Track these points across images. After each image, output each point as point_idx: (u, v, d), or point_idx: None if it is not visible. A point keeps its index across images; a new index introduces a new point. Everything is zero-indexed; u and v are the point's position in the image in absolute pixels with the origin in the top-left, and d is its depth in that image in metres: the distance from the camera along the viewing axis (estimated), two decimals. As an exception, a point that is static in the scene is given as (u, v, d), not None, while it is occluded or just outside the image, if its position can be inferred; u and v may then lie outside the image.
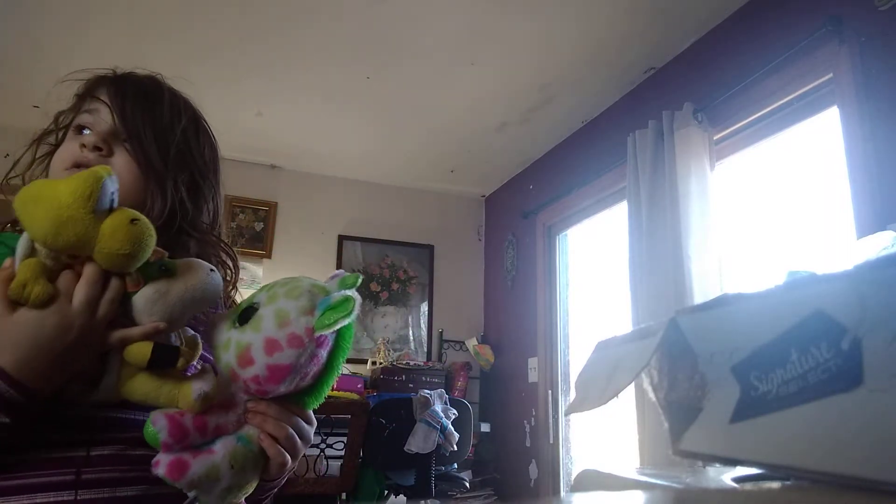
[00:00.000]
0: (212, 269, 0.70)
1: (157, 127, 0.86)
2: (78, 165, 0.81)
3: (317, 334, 0.64)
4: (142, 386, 0.64)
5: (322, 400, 0.72)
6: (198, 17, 2.52)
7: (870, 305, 0.30)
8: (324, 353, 0.67)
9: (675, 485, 0.46)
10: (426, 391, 2.79)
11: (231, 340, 0.66)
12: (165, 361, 0.64)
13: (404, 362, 3.55)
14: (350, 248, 4.03)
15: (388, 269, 4.07)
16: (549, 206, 3.49)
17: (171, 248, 0.71)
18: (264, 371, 0.64)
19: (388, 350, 3.72)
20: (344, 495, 2.55)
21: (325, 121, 3.39)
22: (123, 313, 0.65)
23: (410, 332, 4.05)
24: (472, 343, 3.92)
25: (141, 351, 0.63)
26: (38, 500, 0.67)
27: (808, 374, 0.34)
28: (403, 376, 3.43)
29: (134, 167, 0.83)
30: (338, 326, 0.64)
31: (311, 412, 0.75)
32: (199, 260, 0.71)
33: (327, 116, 3.34)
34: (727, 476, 0.45)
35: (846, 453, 0.30)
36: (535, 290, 3.56)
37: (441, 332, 4.04)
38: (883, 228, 1.61)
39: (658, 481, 0.48)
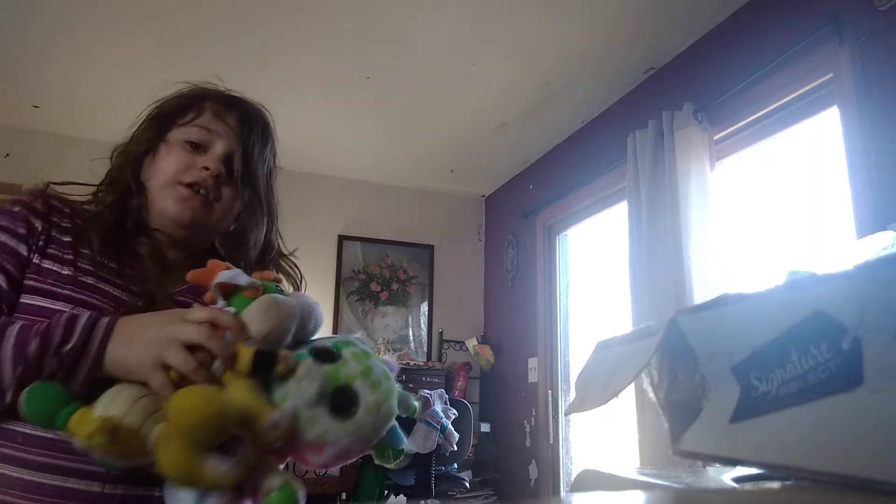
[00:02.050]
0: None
1: (265, 169, 0.95)
2: (193, 184, 0.86)
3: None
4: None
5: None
6: (197, 18, 2.51)
7: (870, 305, 0.30)
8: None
9: (675, 485, 0.46)
10: (426, 391, 2.79)
11: (321, 425, 0.63)
12: (265, 366, 0.61)
13: (404, 362, 3.55)
14: (350, 248, 4.03)
15: (388, 269, 4.07)
16: (549, 206, 3.49)
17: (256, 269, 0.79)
18: (317, 459, 0.63)
19: (388, 350, 3.72)
20: (344, 495, 2.56)
21: (325, 121, 3.39)
22: None
23: (410, 332, 4.05)
24: (472, 343, 3.92)
25: (242, 357, 0.61)
26: (69, 484, 0.71)
27: (808, 375, 0.34)
28: (403, 376, 3.42)
29: (236, 205, 0.91)
30: None
31: None
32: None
33: (327, 116, 3.34)
34: (727, 476, 0.45)
35: (846, 453, 0.30)
36: (535, 290, 3.56)
37: (441, 332, 4.04)
38: (883, 228, 1.61)
39: (658, 481, 0.48)
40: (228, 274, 0.66)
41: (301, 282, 0.98)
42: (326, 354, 0.65)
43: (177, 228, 0.87)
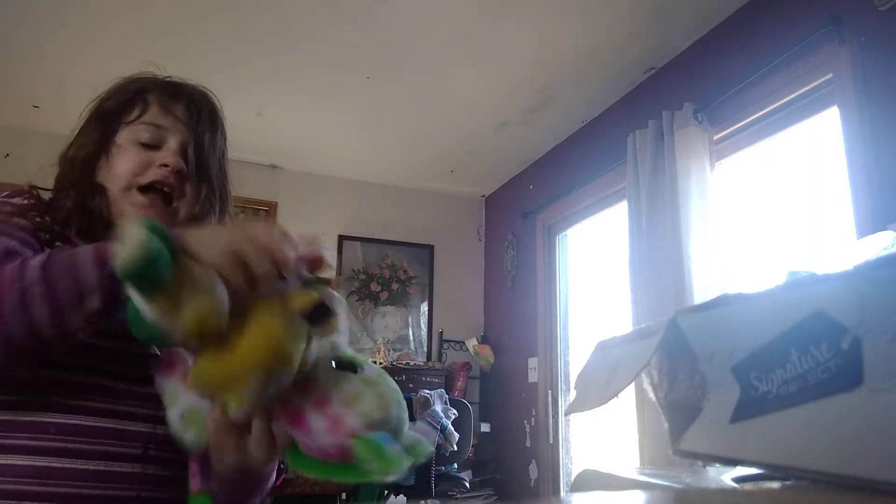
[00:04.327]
0: None
1: (217, 154, 0.91)
2: (154, 183, 0.83)
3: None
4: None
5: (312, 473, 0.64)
6: (198, 18, 2.51)
7: (870, 305, 0.30)
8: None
9: (675, 485, 0.46)
10: (426, 391, 2.79)
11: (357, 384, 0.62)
12: (318, 318, 0.60)
13: (404, 362, 3.55)
14: (350, 248, 4.03)
15: (388, 269, 4.06)
16: (549, 206, 3.49)
17: None
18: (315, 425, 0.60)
19: (388, 350, 3.72)
20: (344, 495, 2.55)
21: (325, 121, 3.39)
22: None
23: (410, 332, 4.05)
24: (472, 343, 3.92)
25: (306, 298, 0.60)
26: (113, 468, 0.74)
27: (808, 374, 0.34)
28: (403, 376, 3.43)
29: (197, 199, 0.87)
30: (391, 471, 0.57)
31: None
32: None
33: (327, 116, 3.34)
34: (727, 476, 0.45)
35: (846, 453, 0.30)
36: (535, 290, 3.55)
37: (441, 332, 4.04)
38: (883, 228, 1.60)
39: (658, 481, 0.48)
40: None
41: None
42: (348, 365, 0.64)
43: None
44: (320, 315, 0.60)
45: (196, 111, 0.89)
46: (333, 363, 0.64)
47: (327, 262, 0.65)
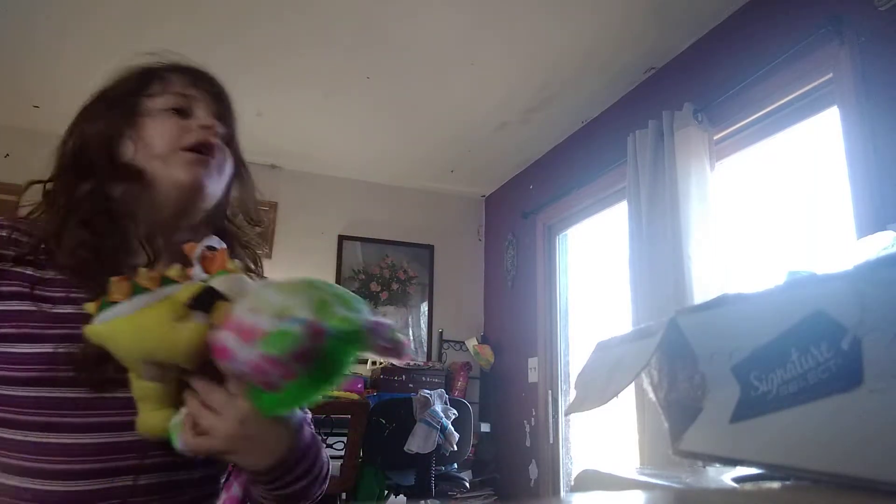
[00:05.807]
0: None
1: (236, 128, 0.92)
2: (199, 146, 0.81)
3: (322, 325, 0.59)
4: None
5: (285, 409, 0.66)
6: (197, 18, 2.51)
7: (870, 305, 0.30)
8: (290, 371, 0.60)
9: (675, 485, 0.46)
10: (426, 391, 2.79)
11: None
12: (208, 301, 0.64)
13: (404, 363, 3.55)
14: (350, 248, 4.03)
15: (388, 269, 4.06)
16: (549, 206, 3.49)
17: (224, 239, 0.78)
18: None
19: (389, 350, 3.72)
20: (344, 495, 2.55)
21: (325, 121, 3.39)
22: None
23: (410, 332, 4.05)
24: (472, 343, 3.92)
25: (189, 290, 0.65)
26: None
27: (808, 374, 0.34)
28: (403, 376, 3.43)
29: (231, 164, 0.88)
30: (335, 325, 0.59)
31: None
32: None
33: (327, 116, 3.34)
34: (727, 476, 0.45)
35: (846, 453, 0.30)
36: (535, 290, 3.55)
37: (441, 332, 4.04)
38: (883, 228, 1.60)
39: (658, 481, 0.48)
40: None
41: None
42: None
43: (191, 197, 0.81)
44: (207, 300, 0.64)
45: (216, 88, 0.89)
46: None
47: (220, 257, 0.69)
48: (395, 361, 0.68)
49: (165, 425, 0.67)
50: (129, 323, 0.63)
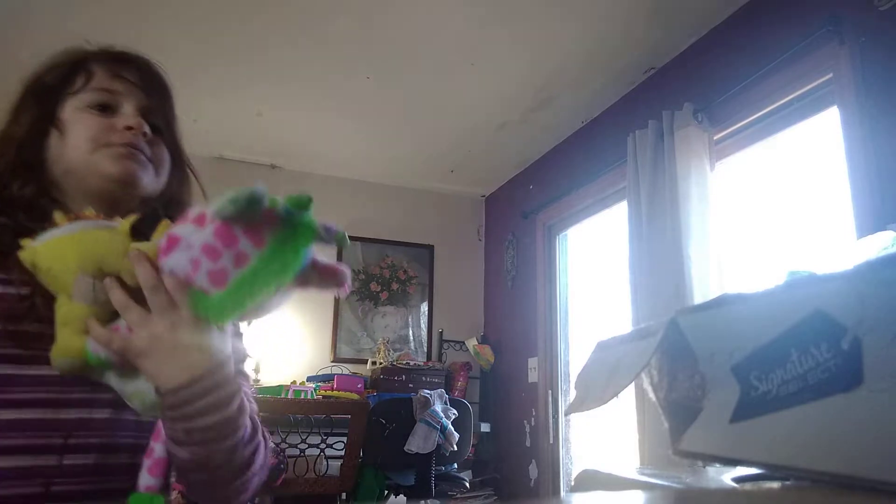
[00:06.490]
0: None
1: (175, 121, 0.88)
2: (126, 146, 0.79)
3: (215, 218, 0.62)
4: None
5: (229, 312, 0.65)
6: (197, 18, 2.51)
7: (870, 305, 0.30)
8: (241, 254, 0.64)
9: (675, 485, 0.46)
10: (426, 391, 2.79)
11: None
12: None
13: (404, 362, 3.55)
14: (350, 248, 4.02)
15: (388, 269, 4.06)
16: (549, 206, 3.49)
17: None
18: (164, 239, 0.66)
19: (388, 350, 3.72)
20: (344, 495, 2.55)
21: (325, 121, 3.39)
22: None
23: (410, 332, 4.05)
24: (472, 343, 3.92)
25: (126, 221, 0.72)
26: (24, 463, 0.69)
27: (808, 374, 0.34)
28: (403, 376, 3.43)
29: (168, 157, 0.86)
30: (226, 210, 0.61)
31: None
32: None
33: (327, 116, 3.34)
34: (727, 476, 0.45)
35: (846, 453, 0.30)
36: (535, 290, 3.55)
37: (441, 332, 4.04)
38: (883, 228, 1.60)
39: (658, 481, 0.48)
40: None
41: None
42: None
43: (119, 189, 0.79)
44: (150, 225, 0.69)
45: (147, 75, 0.85)
46: None
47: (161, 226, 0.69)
48: (338, 292, 0.72)
49: (83, 347, 0.65)
50: (75, 238, 0.66)
